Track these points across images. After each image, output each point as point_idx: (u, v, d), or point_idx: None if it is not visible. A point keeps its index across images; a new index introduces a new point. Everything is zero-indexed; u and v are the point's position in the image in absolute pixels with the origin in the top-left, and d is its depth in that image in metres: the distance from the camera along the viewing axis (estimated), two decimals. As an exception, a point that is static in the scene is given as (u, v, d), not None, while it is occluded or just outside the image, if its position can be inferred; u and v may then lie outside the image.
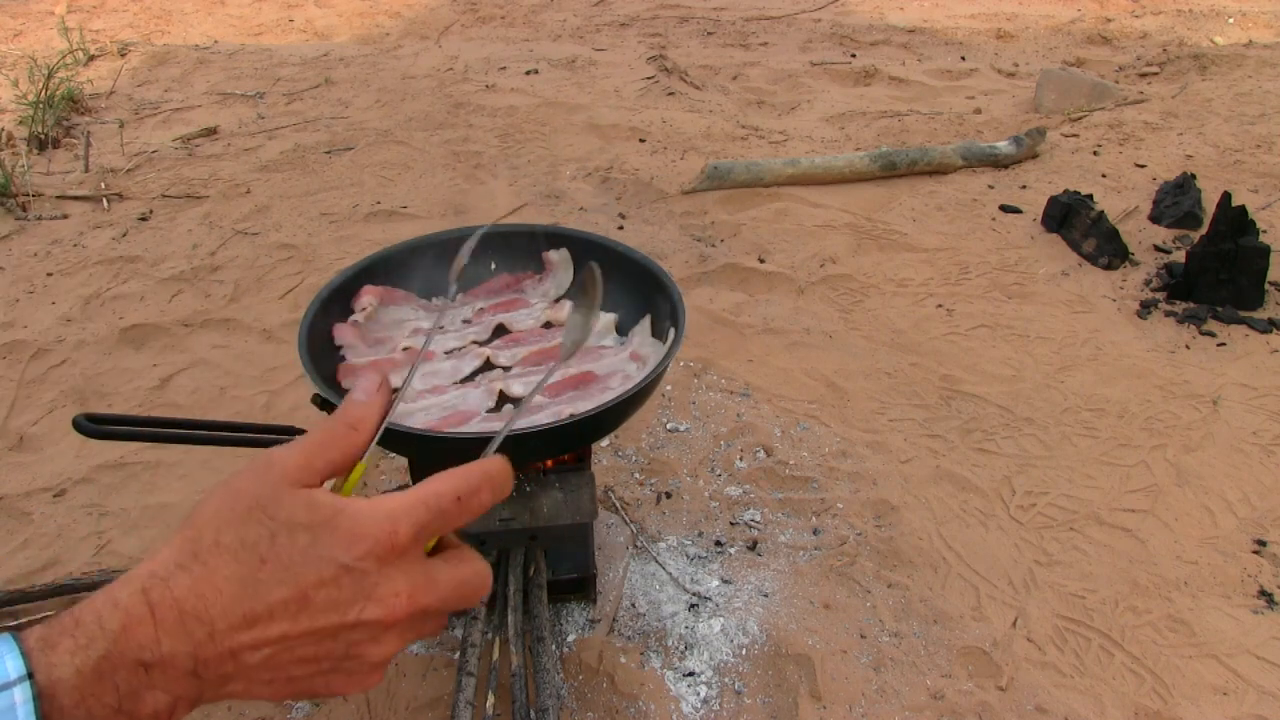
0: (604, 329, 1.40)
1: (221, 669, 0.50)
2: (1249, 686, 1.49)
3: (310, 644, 0.51)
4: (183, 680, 0.48)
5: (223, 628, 0.49)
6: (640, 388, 1.16)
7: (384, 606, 0.52)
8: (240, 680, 0.51)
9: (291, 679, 0.52)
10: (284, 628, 0.50)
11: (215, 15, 6.18)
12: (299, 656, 0.52)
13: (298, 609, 0.50)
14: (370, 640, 0.53)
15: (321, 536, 0.51)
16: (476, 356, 1.36)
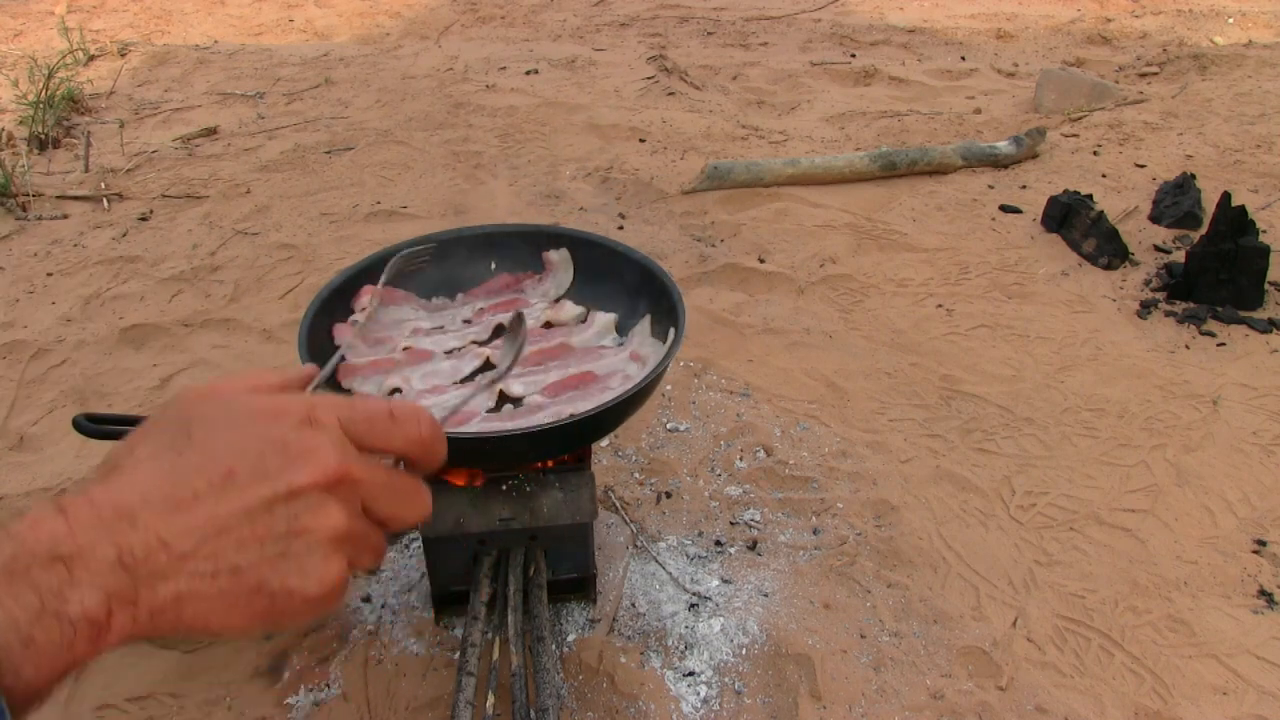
0: (604, 329, 1.41)
1: (153, 562, 0.46)
2: (1249, 686, 1.49)
3: (246, 523, 0.48)
4: (109, 573, 0.44)
5: (146, 515, 0.46)
6: (640, 388, 1.16)
7: (311, 467, 0.50)
8: (180, 577, 0.46)
9: (237, 572, 0.48)
10: (212, 507, 0.47)
11: (215, 15, 6.18)
12: (238, 539, 0.48)
13: (223, 485, 0.48)
14: (309, 510, 0.50)
15: (239, 419, 0.50)
16: (476, 356, 1.36)
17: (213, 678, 1.47)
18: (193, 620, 0.48)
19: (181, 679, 1.47)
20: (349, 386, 1.30)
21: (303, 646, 1.52)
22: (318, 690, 1.45)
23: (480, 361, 1.36)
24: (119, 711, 1.42)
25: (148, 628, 0.47)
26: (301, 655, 1.51)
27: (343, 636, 1.54)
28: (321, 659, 1.50)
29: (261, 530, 0.49)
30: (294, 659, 1.50)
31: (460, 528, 1.38)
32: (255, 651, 1.52)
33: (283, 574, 0.49)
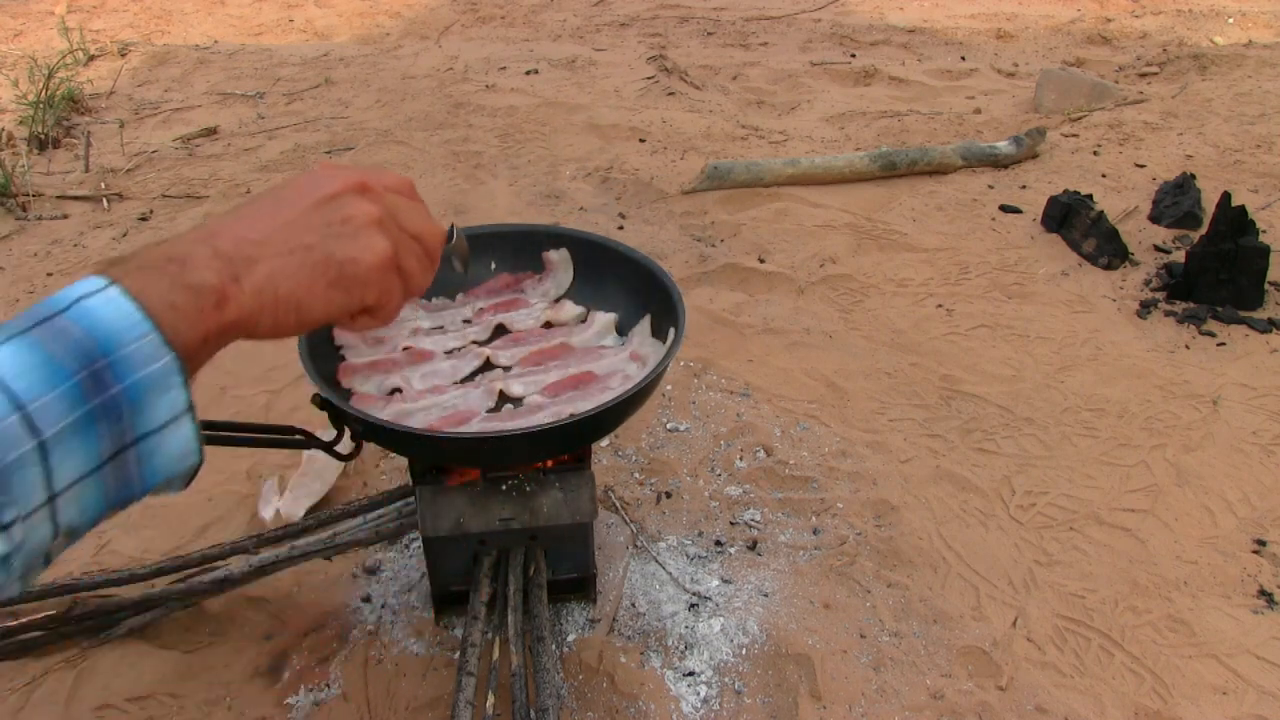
0: (604, 329, 1.41)
1: (241, 251, 0.61)
2: (1249, 686, 1.49)
3: (302, 218, 0.66)
4: (212, 261, 0.60)
5: (223, 229, 0.62)
6: (640, 388, 1.16)
7: (337, 180, 0.69)
8: (265, 259, 0.62)
9: (308, 249, 0.65)
10: (272, 215, 0.65)
11: (215, 15, 6.18)
12: (300, 227, 0.65)
13: (274, 204, 0.66)
14: (347, 205, 0.67)
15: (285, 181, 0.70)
16: (476, 356, 1.36)
17: (213, 678, 1.47)
18: (289, 295, 0.63)
19: (181, 679, 1.47)
20: (349, 386, 1.30)
21: (303, 646, 1.52)
22: (318, 690, 1.45)
23: (480, 361, 1.36)
24: (119, 711, 1.42)
25: (256, 304, 0.61)
26: (301, 655, 1.51)
27: (343, 636, 1.54)
28: (321, 659, 1.50)
29: (316, 220, 0.66)
30: (294, 659, 1.50)
31: (460, 528, 1.38)
32: (255, 651, 1.52)
33: (342, 247, 0.66)
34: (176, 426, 0.56)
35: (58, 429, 0.50)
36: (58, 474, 0.51)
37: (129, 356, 0.53)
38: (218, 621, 1.57)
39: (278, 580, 1.63)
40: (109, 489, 0.54)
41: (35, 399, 0.50)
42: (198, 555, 1.58)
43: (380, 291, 0.70)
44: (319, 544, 1.55)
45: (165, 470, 0.57)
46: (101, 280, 0.55)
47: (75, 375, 0.51)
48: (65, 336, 0.52)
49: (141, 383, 0.53)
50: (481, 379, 1.33)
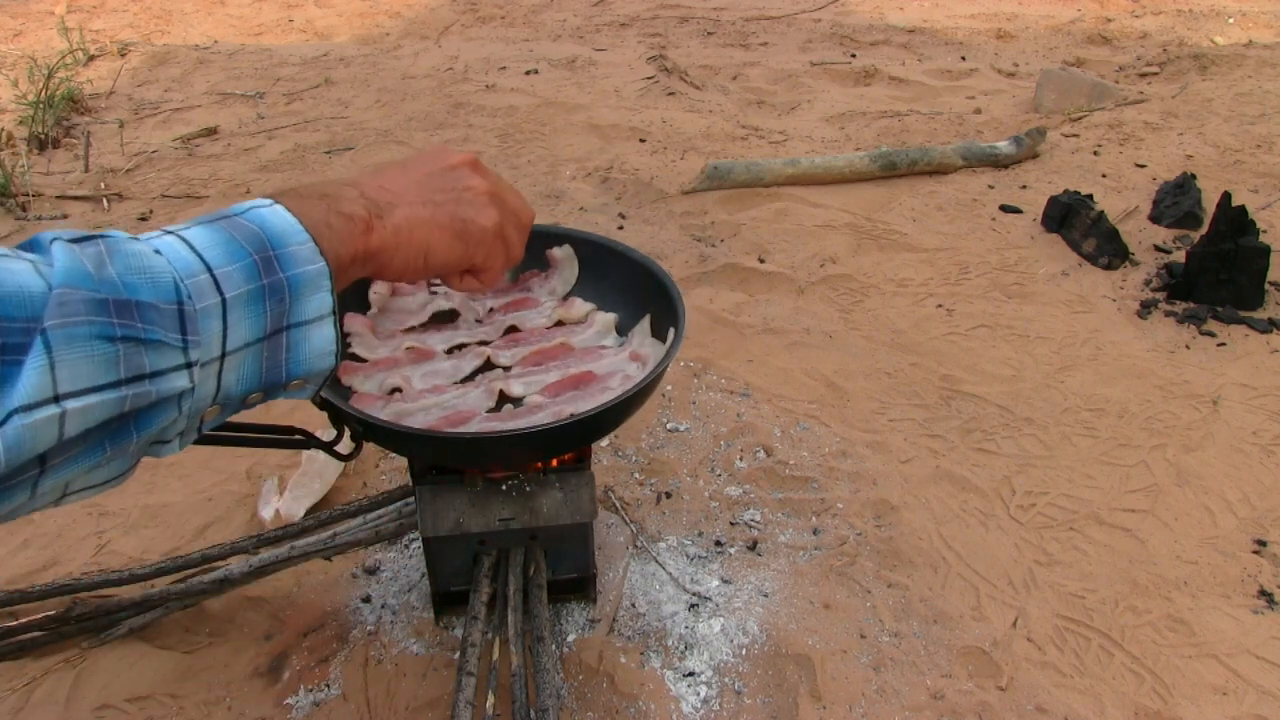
0: (604, 329, 1.40)
1: (383, 196, 0.73)
2: (1249, 686, 1.49)
3: (431, 180, 0.79)
4: (358, 200, 0.71)
5: (364, 181, 0.74)
6: (640, 387, 1.16)
7: (456, 156, 0.84)
8: (402, 205, 0.74)
9: (438, 205, 0.77)
10: (405, 175, 0.79)
11: (215, 15, 6.18)
12: (431, 187, 0.78)
13: (404, 169, 0.80)
14: (466, 177, 0.81)
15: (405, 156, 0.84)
16: (477, 356, 1.36)
17: (213, 678, 1.47)
18: (422, 239, 0.75)
19: (181, 679, 1.47)
20: (349, 384, 1.30)
21: (302, 647, 1.52)
22: (318, 690, 1.45)
23: (480, 361, 1.36)
24: (118, 711, 1.42)
25: (394, 239, 0.72)
26: (301, 655, 1.51)
27: (342, 637, 1.54)
28: (321, 659, 1.50)
29: (443, 184, 0.80)
30: (294, 659, 1.50)
31: (460, 528, 1.37)
32: (255, 651, 1.52)
33: (464, 209, 0.79)
34: (322, 324, 0.65)
35: (237, 293, 0.59)
36: (232, 334, 0.59)
37: (292, 254, 0.62)
38: (218, 621, 1.57)
39: (277, 580, 1.63)
40: (263, 365, 0.62)
41: (220, 266, 0.59)
42: (198, 555, 1.58)
43: (489, 253, 0.82)
44: (319, 544, 1.55)
45: (307, 363, 0.65)
46: (268, 199, 0.65)
47: (251, 256, 0.60)
48: (243, 229, 0.62)
49: (300, 277, 0.62)
50: (481, 379, 1.33)
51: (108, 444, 0.55)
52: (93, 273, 0.52)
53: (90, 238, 0.54)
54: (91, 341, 0.50)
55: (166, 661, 1.49)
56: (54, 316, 0.49)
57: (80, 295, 0.50)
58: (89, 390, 0.50)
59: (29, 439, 0.48)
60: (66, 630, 1.51)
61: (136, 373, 0.53)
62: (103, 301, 0.51)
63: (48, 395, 0.49)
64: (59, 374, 0.49)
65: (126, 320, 0.52)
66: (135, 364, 0.53)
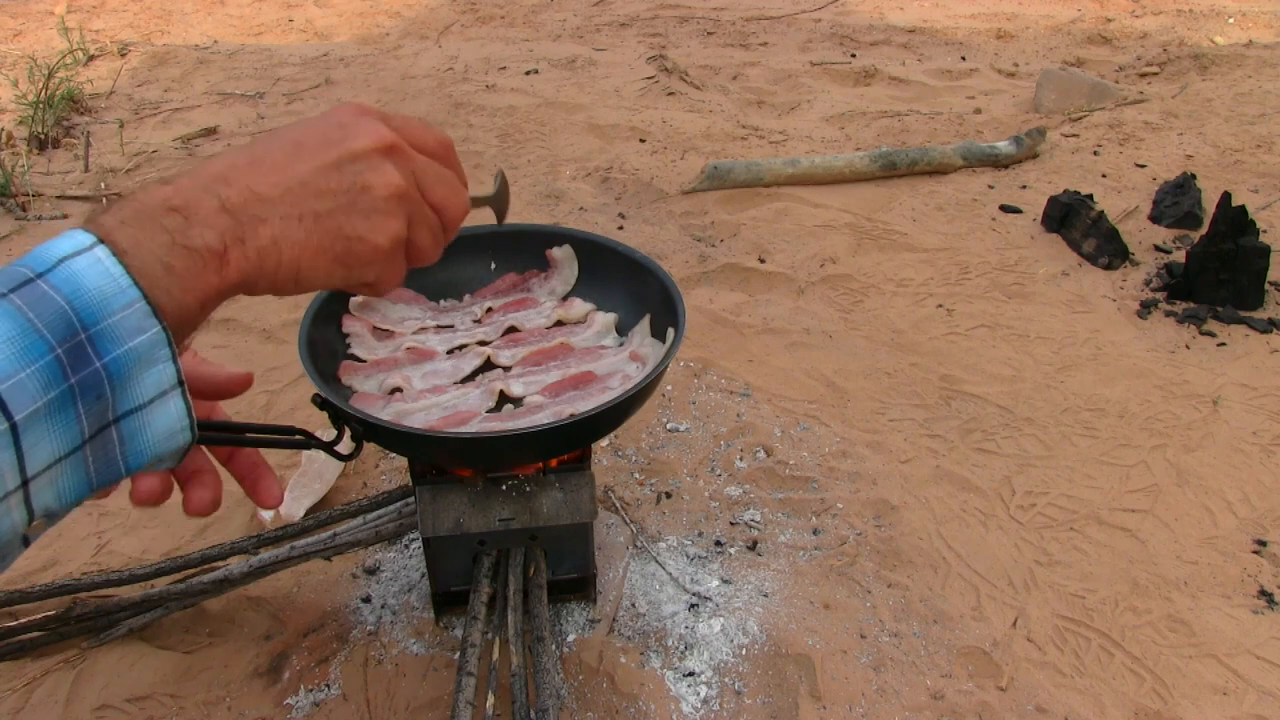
0: (604, 329, 1.40)
1: (249, 208, 0.57)
2: (1249, 686, 1.48)
3: (319, 178, 0.60)
4: (217, 216, 0.56)
5: (235, 176, 0.58)
6: (639, 388, 1.16)
7: (367, 137, 0.63)
8: (273, 220, 0.58)
9: (318, 218, 0.60)
10: (289, 167, 0.60)
11: (215, 15, 6.18)
12: (315, 190, 0.60)
13: (295, 151, 0.61)
14: (370, 170, 0.62)
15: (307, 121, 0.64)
16: (477, 356, 1.36)
17: (212, 678, 1.47)
18: (291, 262, 0.59)
19: (181, 679, 1.47)
20: (349, 384, 1.30)
21: (302, 647, 1.52)
22: (318, 690, 1.45)
23: (481, 361, 1.36)
24: (118, 712, 1.42)
25: (257, 268, 0.58)
26: (301, 655, 1.51)
27: (342, 637, 1.54)
28: (321, 659, 1.50)
29: (333, 184, 0.61)
30: (294, 659, 1.50)
31: (460, 528, 1.38)
32: (255, 651, 1.52)
33: (354, 222, 0.62)
34: (163, 402, 0.53)
35: (31, 410, 0.47)
36: (31, 458, 0.48)
37: (113, 328, 0.49)
38: (218, 622, 1.57)
39: (277, 580, 1.63)
40: (90, 471, 0.52)
41: (8, 376, 0.46)
42: (198, 555, 1.58)
43: (381, 271, 0.66)
44: (319, 544, 1.55)
45: (152, 450, 0.54)
46: (89, 237, 0.51)
47: (53, 351, 0.47)
48: (44, 305, 0.48)
49: (125, 357, 0.50)
50: (482, 379, 1.33)
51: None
52: None
53: None
54: None
55: (166, 661, 1.49)
56: None
57: None
58: None
59: None
60: (66, 630, 1.51)
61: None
62: None
63: None
64: None
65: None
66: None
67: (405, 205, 0.65)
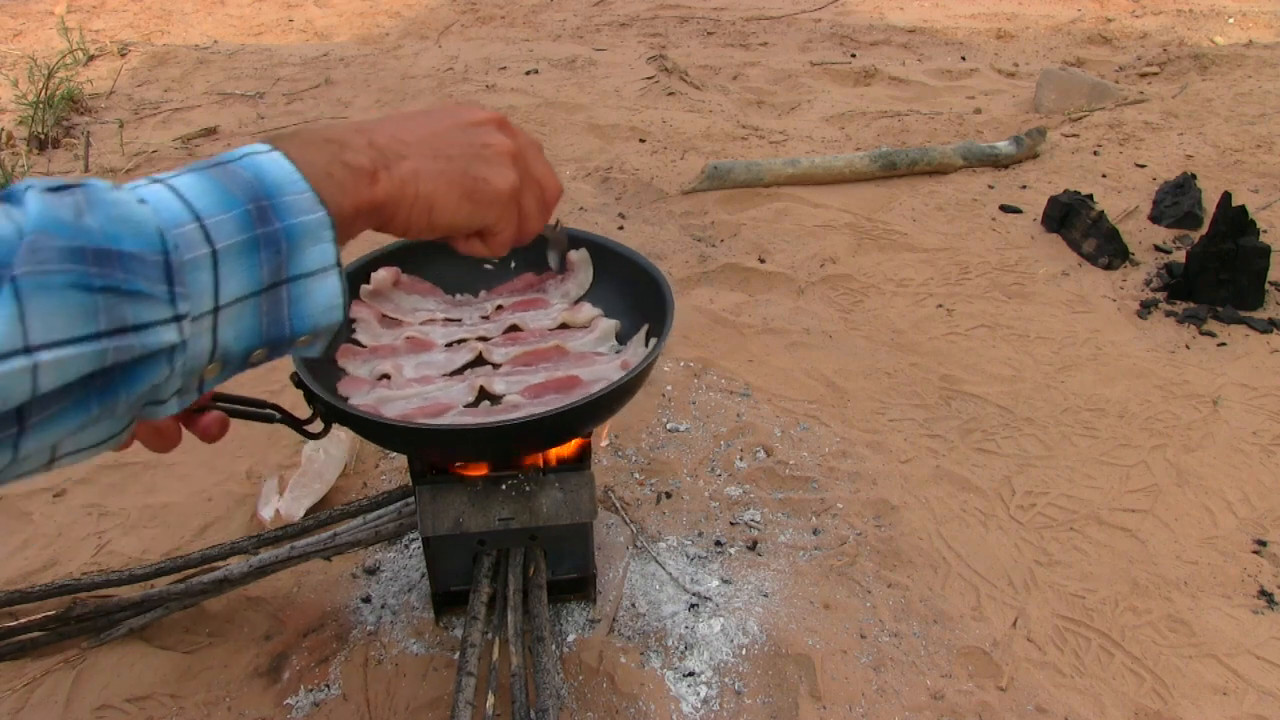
0: (604, 335, 1.39)
1: (393, 147, 0.68)
2: (1249, 686, 1.49)
3: (448, 134, 0.73)
4: (366, 149, 0.66)
5: (377, 129, 0.69)
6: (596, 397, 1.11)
7: (483, 112, 0.77)
8: (412, 158, 0.69)
9: (450, 159, 0.72)
10: (423, 127, 0.73)
11: (215, 15, 6.18)
12: (446, 141, 0.73)
13: (424, 118, 0.74)
14: (488, 134, 0.75)
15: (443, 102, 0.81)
16: (470, 351, 1.36)
17: (212, 678, 1.47)
18: (427, 194, 0.70)
19: (181, 679, 1.47)
20: (344, 366, 1.32)
21: (302, 647, 1.52)
22: (318, 690, 1.45)
23: (473, 355, 1.36)
24: (118, 712, 1.42)
25: (399, 192, 0.68)
26: (301, 655, 1.51)
27: (342, 637, 1.54)
28: (321, 659, 1.50)
29: (459, 139, 0.74)
30: (294, 659, 1.50)
31: (460, 527, 1.37)
32: (255, 651, 1.52)
33: (479, 167, 0.74)
34: (325, 276, 0.61)
35: (228, 244, 0.56)
36: (224, 286, 0.56)
37: (288, 203, 0.59)
38: (218, 622, 1.57)
39: (277, 580, 1.63)
40: (263, 320, 0.59)
41: (210, 215, 0.55)
42: (198, 555, 1.58)
43: (500, 217, 0.76)
44: (319, 544, 1.55)
45: (312, 317, 0.62)
46: (266, 145, 0.61)
47: (243, 205, 0.57)
48: (236, 176, 0.58)
49: (298, 227, 0.59)
50: (470, 374, 1.33)
51: (94, 402, 0.52)
52: (70, 221, 0.49)
53: (68, 186, 0.52)
54: (66, 291, 0.48)
55: (166, 661, 1.49)
56: (25, 264, 0.47)
57: (55, 243, 0.48)
58: (64, 342, 0.48)
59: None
60: (66, 630, 1.51)
61: (118, 325, 0.50)
62: (79, 250, 0.49)
63: (17, 346, 0.46)
64: (30, 324, 0.47)
65: (106, 270, 0.50)
66: (116, 316, 0.50)
67: (519, 166, 0.77)
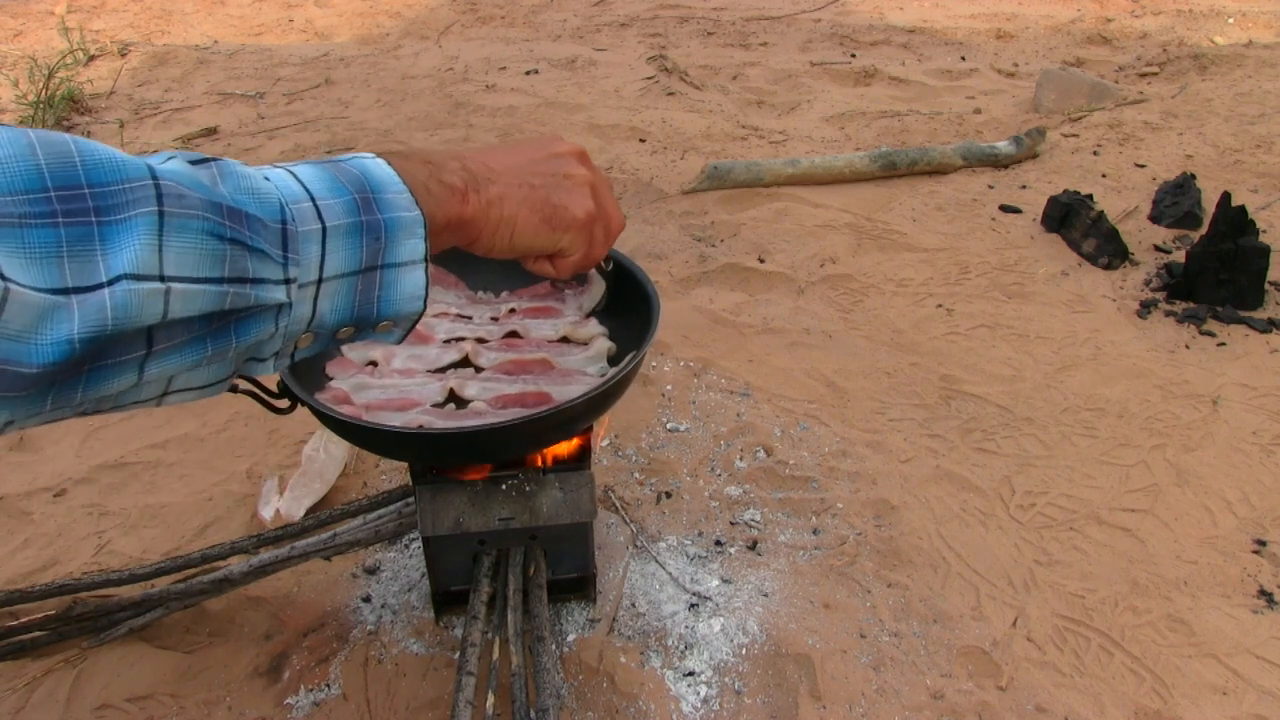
0: (597, 356, 1.37)
1: (483, 172, 0.76)
2: (1249, 686, 1.49)
3: (534, 164, 0.81)
4: (459, 171, 0.74)
5: (468, 155, 0.77)
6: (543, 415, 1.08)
7: (566, 145, 0.84)
8: (499, 183, 0.77)
9: (533, 188, 0.79)
10: (510, 157, 0.80)
11: (215, 15, 6.18)
12: (531, 171, 0.80)
13: (512, 148, 0.82)
14: (569, 164, 0.83)
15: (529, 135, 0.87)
16: (459, 351, 1.36)
17: (213, 678, 1.47)
18: (510, 216, 0.77)
19: (181, 679, 1.47)
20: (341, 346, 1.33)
21: (302, 646, 1.52)
22: (318, 690, 1.45)
23: (460, 356, 1.35)
24: (119, 711, 1.42)
25: (484, 213, 0.75)
26: (301, 655, 1.51)
27: (342, 636, 1.54)
28: (321, 659, 1.50)
29: (543, 169, 0.81)
30: (294, 659, 1.50)
31: (460, 527, 1.38)
32: (255, 651, 1.52)
33: (559, 195, 0.81)
34: (414, 269, 0.68)
35: (336, 223, 0.62)
36: (330, 260, 0.62)
37: (389, 200, 0.66)
38: (218, 621, 1.57)
39: (277, 580, 1.63)
40: (356, 298, 0.65)
41: (323, 198, 0.62)
42: (198, 555, 1.58)
43: (574, 241, 0.83)
44: (319, 544, 1.55)
45: (397, 304, 0.68)
46: (371, 154, 0.69)
47: (351, 194, 0.64)
48: (346, 171, 0.65)
49: (396, 221, 0.65)
50: (451, 374, 1.32)
51: (209, 342, 0.57)
52: (208, 184, 0.56)
53: (204, 160, 0.58)
54: (202, 235, 0.54)
55: (166, 661, 1.49)
56: (172, 205, 0.52)
57: (197, 195, 0.54)
58: (193, 279, 0.54)
59: (135, 306, 0.51)
60: (66, 630, 1.51)
61: (239, 274, 0.56)
62: (217, 204, 0.55)
63: (154, 272, 0.52)
64: (167, 256, 0.52)
65: (236, 225, 0.56)
66: (239, 266, 0.56)
67: (595, 196, 0.84)
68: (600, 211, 0.85)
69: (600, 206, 0.85)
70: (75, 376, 0.52)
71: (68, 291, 0.49)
